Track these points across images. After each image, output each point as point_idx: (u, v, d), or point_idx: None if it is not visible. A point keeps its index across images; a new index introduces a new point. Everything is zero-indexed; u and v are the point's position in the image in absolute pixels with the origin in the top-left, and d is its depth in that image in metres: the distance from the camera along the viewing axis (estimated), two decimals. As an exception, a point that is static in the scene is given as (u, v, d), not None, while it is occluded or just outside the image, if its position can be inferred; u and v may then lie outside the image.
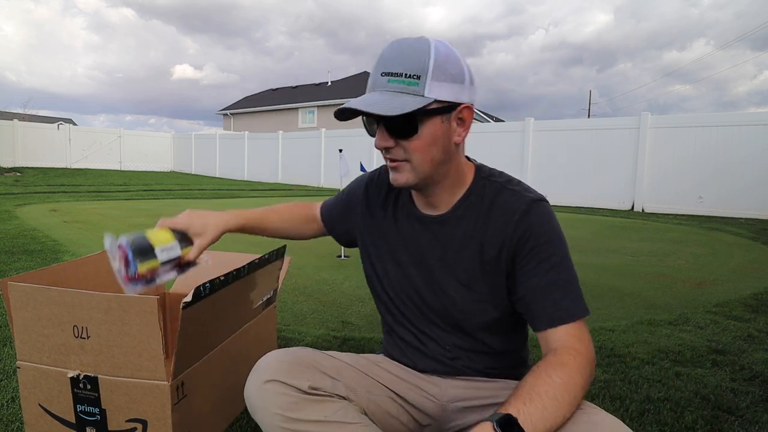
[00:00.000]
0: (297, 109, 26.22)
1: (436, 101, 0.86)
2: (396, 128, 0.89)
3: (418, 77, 0.85)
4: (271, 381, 0.87)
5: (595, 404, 0.83)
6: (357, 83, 25.53)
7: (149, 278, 0.95)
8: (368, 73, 1.00)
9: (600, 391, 1.79)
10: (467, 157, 1.04)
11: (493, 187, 0.99)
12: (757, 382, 1.91)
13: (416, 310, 1.06)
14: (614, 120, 11.21)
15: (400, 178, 0.94)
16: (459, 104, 0.90)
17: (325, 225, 1.26)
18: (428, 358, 1.06)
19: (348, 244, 1.23)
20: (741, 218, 8.90)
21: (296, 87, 29.98)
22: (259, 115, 28.27)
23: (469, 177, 1.01)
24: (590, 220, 8.30)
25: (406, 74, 0.85)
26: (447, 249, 1.00)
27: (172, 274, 1.01)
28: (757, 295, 3.32)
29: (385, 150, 0.93)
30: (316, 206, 1.29)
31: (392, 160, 0.93)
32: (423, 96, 0.86)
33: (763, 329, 2.58)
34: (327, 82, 28.33)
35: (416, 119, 0.87)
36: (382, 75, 0.87)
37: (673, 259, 4.77)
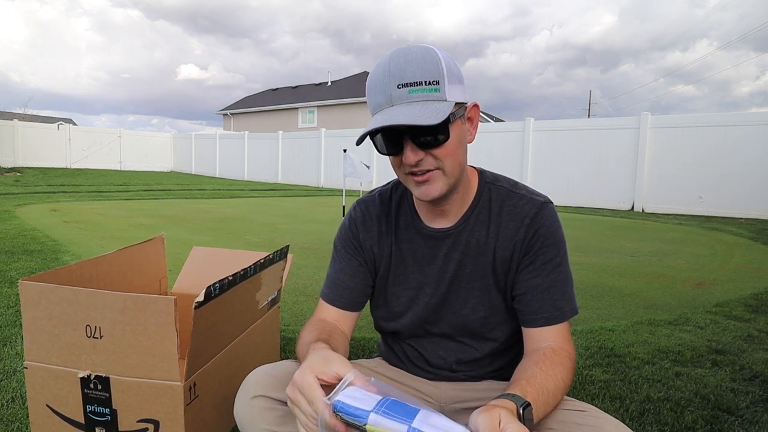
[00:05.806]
0: (297, 109, 26.21)
1: (456, 103, 0.86)
2: (428, 138, 0.85)
3: (438, 82, 0.83)
4: (257, 397, 0.86)
5: (595, 404, 0.85)
6: (357, 83, 25.50)
7: None
8: (368, 72, 0.99)
9: (600, 391, 1.80)
10: None
11: (500, 193, 1.00)
12: (757, 382, 1.93)
13: (423, 330, 1.06)
14: (614, 120, 11.22)
15: (433, 189, 0.90)
16: (465, 104, 0.90)
17: (353, 305, 1.08)
18: (429, 373, 1.07)
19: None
20: (741, 218, 8.92)
21: (296, 87, 29.96)
22: (259, 115, 28.25)
23: (474, 182, 1.02)
24: (590, 220, 8.31)
25: (426, 81, 0.82)
26: (464, 259, 1.00)
27: None
28: (757, 295, 3.34)
29: (414, 164, 0.87)
30: (338, 313, 1.07)
31: (423, 173, 0.88)
32: (446, 100, 0.84)
33: (763, 329, 2.60)
34: (327, 82, 28.32)
35: (447, 124, 0.85)
36: (399, 87, 0.83)
37: (673, 259, 4.79)
